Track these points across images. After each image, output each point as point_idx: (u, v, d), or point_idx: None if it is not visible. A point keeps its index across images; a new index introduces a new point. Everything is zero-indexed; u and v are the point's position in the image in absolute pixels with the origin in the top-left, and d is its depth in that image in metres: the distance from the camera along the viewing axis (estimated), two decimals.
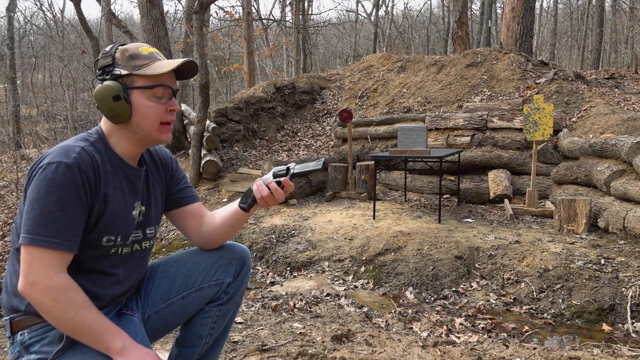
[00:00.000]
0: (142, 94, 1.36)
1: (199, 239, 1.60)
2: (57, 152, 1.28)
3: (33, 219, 1.23)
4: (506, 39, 10.19)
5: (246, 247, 1.68)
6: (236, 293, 1.62)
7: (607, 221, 4.45)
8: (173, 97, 1.42)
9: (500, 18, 18.03)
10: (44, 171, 1.25)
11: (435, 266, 4.01)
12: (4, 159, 11.15)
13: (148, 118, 1.37)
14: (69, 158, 1.26)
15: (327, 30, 25.00)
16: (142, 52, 1.38)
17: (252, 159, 7.70)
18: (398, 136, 5.31)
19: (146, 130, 1.38)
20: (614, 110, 6.45)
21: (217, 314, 1.60)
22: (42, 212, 1.23)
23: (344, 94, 9.46)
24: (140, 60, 1.36)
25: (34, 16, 30.82)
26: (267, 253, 4.73)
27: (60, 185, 1.24)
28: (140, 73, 1.35)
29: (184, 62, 1.39)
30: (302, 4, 16.60)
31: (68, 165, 1.25)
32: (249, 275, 1.66)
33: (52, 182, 1.23)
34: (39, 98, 20.29)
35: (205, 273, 1.57)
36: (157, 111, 1.37)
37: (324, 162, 1.48)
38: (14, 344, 1.33)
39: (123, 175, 1.41)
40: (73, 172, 1.25)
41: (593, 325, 3.22)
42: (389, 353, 2.36)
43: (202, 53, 7.02)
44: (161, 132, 1.40)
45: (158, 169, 1.56)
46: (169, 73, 1.39)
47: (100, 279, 1.38)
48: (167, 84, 1.38)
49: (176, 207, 1.60)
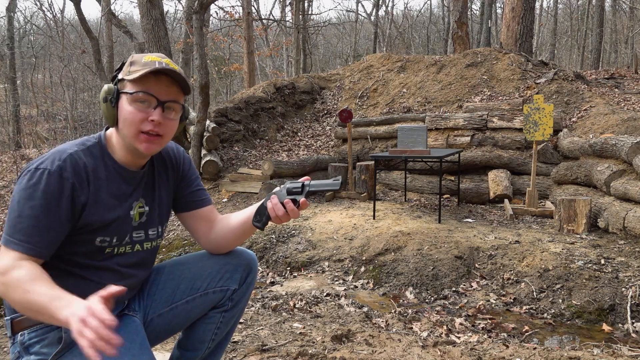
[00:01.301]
0: (126, 99, 1.34)
1: (208, 243, 1.59)
2: (47, 158, 1.30)
3: (10, 221, 1.26)
4: (506, 39, 10.19)
5: (253, 254, 1.66)
6: (241, 300, 1.61)
7: (607, 221, 4.45)
8: (158, 108, 1.34)
9: (500, 18, 18.03)
10: (28, 176, 1.27)
11: (435, 266, 4.01)
12: (4, 159, 11.15)
13: (126, 124, 1.34)
14: (52, 165, 1.28)
15: (327, 30, 25.01)
16: (142, 59, 1.36)
17: (252, 159, 7.71)
18: (398, 136, 5.31)
19: (127, 136, 1.35)
20: (614, 110, 6.45)
21: (220, 320, 1.59)
22: (19, 217, 1.25)
23: (344, 94, 9.46)
24: (136, 67, 1.35)
25: (34, 16, 30.83)
26: (267, 253, 4.73)
27: (42, 192, 1.26)
28: (127, 78, 1.34)
29: (161, 69, 1.32)
30: (302, 4, 16.60)
31: (50, 173, 1.27)
32: (254, 282, 1.65)
33: (33, 188, 1.26)
34: (39, 98, 20.29)
35: (210, 278, 1.56)
36: (134, 117, 1.32)
37: (341, 182, 1.44)
38: (15, 344, 1.33)
39: (119, 178, 1.40)
40: (54, 180, 1.27)
41: (593, 325, 3.22)
42: (389, 353, 2.36)
43: (202, 53, 7.02)
44: (139, 140, 1.34)
45: (166, 170, 1.54)
46: (159, 82, 1.34)
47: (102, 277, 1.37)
48: (149, 92, 1.32)
49: (186, 210, 1.59)
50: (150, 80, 1.33)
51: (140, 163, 1.44)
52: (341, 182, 1.45)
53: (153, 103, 1.34)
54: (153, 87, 1.33)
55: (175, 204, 1.58)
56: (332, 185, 1.44)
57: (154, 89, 1.33)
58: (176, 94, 1.38)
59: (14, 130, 15.95)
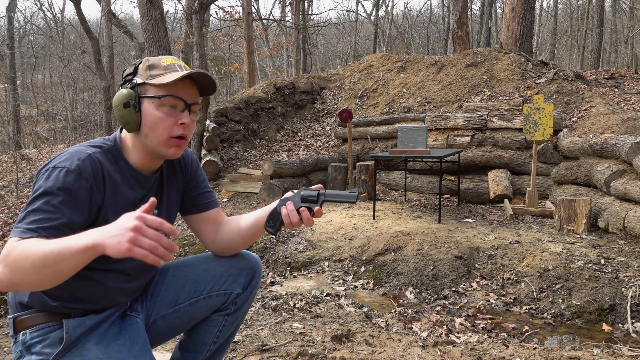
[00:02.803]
0: (152, 103, 1.32)
1: (214, 245, 1.57)
2: (66, 157, 1.27)
3: (23, 214, 1.21)
4: (506, 39, 10.19)
5: (257, 257, 1.65)
6: (244, 304, 1.61)
7: (607, 221, 4.45)
8: (186, 110, 1.35)
9: (500, 18, 18.03)
10: (47, 174, 1.24)
11: (435, 266, 4.01)
12: (4, 159, 11.15)
13: (155, 129, 1.32)
14: (72, 164, 1.25)
15: (327, 30, 25.01)
16: (161, 63, 1.35)
17: (252, 159, 7.71)
18: (398, 136, 5.31)
19: (154, 141, 1.34)
20: (614, 110, 6.46)
21: (223, 323, 1.59)
22: (33, 211, 1.20)
23: (344, 94, 9.46)
24: (157, 70, 1.34)
25: (34, 16, 30.84)
26: (267, 253, 4.74)
27: (59, 189, 1.22)
28: (152, 82, 1.32)
29: (193, 72, 1.33)
30: (302, 4, 16.60)
31: (69, 172, 1.24)
32: (258, 286, 1.64)
33: (51, 186, 1.22)
34: (39, 98, 20.29)
35: (214, 281, 1.55)
36: (165, 123, 1.32)
37: (357, 196, 1.41)
38: (17, 344, 1.34)
39: (134, 182, 1.38)
40: (73, 179, 1.24)
41: (593, 325, 3.22)
42: (389, 353, 2.36)
43: (202, 53, 7.02)
44: (168, 145, 1.34)
45: (175, 173, 1.52)
46: (184, 85, 1.34)
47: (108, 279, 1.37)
48: (178, 95, 1.33)
49: (194, 213, 1.57)
50: (177, 84, 1.33)
51: (155, 167, 1.43)
52: (357, 197, 1.41)
53: (180, 106, 1.34)
54: (180, 90, 1.33)
55: (182, 206, 1.57)
56: (348, 198, 1.41)
57: (181, 92, 1.34)
58: (197, 95, 1.40)
59: (14, 130, 15.94)
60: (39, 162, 9.83)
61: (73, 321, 1.33)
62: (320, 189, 1.46)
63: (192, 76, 1.35)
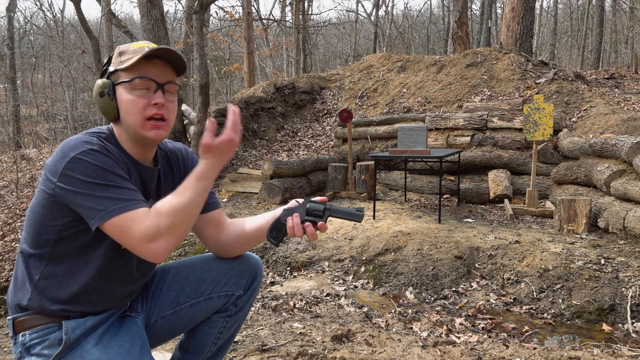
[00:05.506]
0: (124, 88, 1.31)
1: (216, 247, 1.56)
2: (78, 145, 1.24)
3: (94, 202, 1.20)
4: (506, 39, 10.19)
5: (259, 259, 1.64)
6: (245, 305, 1.61)
7: (607, 221, 4.45)
8: (159, 91, 1.32)
9: (500, 18, 18.02)
10: (76, 164, 1.22)
11: (435, 266, 4.01)
12: (4, 159, 11.14)
13: (130, 113, 1.31)
14: (92, 145, 1.25)
15: (327, 30, 25.01)
16: (131, 48, 1.34)
17: (252, 159, 7.71)
18: (398, 136, 5.31)
19: (132, 126, 1.32)
20: (614, 110, 6.46)
21: (224, 324, 1.59)
22: (96, 194, 1.20)
23: (344, 94, 9.46)
24: (127, 55, 1.32)
25: (34, 16, 30.85)
26: (267, 253, 4.74)
27: (97, 166, 1.22)
28: (121, 67, 1.31)
29: (156, 49, 1.30)
30: (302, 4, 16.60)
31: (95, 150, 1.24)
32: (259, 287, 1.63)
33: (89, 167, 1.21)
34: (39, 98, 20.29)
35: (216, 282, 1.54)
36: (138, 104, 1.30)
37: (363, 215, 1.40)
38: (17, 344, 1.33)
39: (137, 174, 1.37)
40: (101, 155, 1.24)
41: (593, 325, 3.22)
42: (389, 353, 2.36)
43: (202, 53, 7.02)
44: (146, 128, 1.32)
45: (172, 169, 1.51)
46: (154, 65, 1.32)
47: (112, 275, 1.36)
48: (147, 76, 1.31)
49: None
50: (145, 65, 1.31)
51: (149, 156, 1.42)
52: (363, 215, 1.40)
53: (152, 87, 1.32)
54: (149, 71, 1.31)
55: None
56: (354, 216, 1.40)
57: (151, 73, 1.31)
58: (171, 74, 1.37)
59: (14, 130, 15.94)
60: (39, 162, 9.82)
61: (72, 322, 1.33)
62: (325, 202, 1.44)
63: (162, 55, 1.33)
